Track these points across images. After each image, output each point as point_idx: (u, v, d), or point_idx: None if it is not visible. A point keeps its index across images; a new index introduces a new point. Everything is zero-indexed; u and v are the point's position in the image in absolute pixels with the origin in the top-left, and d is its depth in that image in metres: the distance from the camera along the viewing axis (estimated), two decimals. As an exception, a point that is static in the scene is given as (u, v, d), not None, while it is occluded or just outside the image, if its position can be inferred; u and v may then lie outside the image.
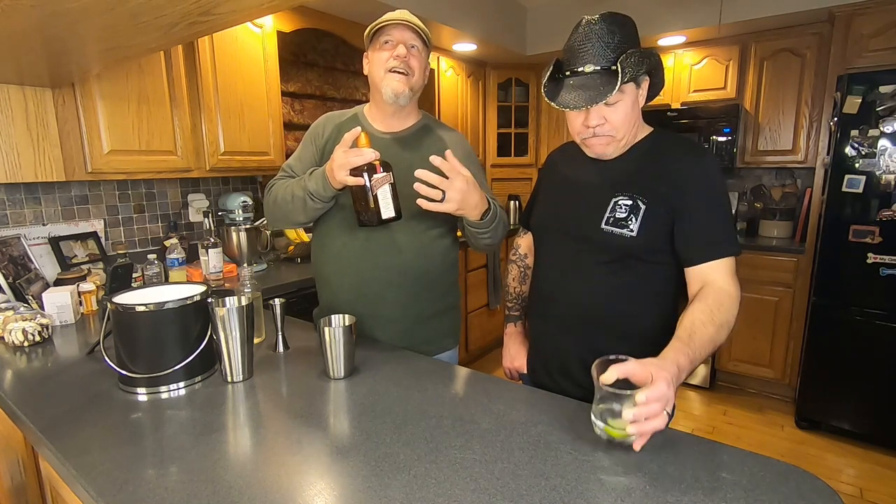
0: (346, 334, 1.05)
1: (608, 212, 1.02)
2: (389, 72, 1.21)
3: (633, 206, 0.99)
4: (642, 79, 1.01)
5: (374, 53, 1.25)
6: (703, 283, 0.96)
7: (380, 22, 1.22)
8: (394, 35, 1.22)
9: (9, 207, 1.78)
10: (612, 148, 1.03)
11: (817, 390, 2.53)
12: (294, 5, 1.04)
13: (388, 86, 1.22)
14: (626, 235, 0.99)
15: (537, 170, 4.05)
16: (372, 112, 1.33)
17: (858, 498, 2.09)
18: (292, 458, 0.78)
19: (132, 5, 0.80)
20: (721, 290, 0.94)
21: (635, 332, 1.04)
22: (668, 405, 0.74)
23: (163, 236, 2.20)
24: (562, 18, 3.42)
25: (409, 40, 1.23)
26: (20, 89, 1.56)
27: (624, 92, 0.97)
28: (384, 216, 1.11)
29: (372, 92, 1.30)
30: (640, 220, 0.98)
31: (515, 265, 1.35)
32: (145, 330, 1.01)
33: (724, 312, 0.91)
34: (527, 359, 1.26)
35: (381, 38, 1.22)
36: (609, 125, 0.99)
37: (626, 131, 1.02)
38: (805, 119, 2.90)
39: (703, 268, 0.97)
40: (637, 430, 0.72)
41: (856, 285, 2.37)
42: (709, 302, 0.91)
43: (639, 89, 1.01)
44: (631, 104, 1.00)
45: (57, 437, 0.85)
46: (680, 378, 0.79)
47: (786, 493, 0.68)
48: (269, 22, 2.20)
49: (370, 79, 1.27)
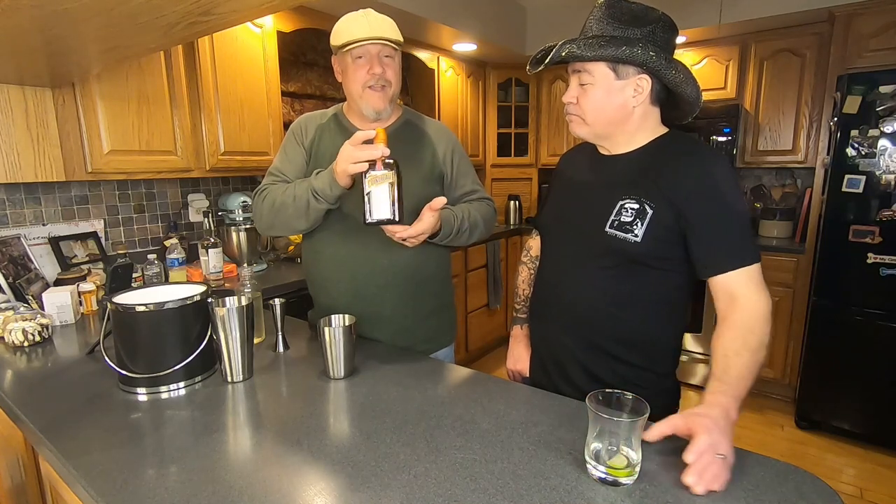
0: (346, 334, 1.05)
1: (613, 214, 0.98)
2: (368, 88, 1.20)
3: (640, 210, 0.95)
4: (626, 71, 0.95)
5: (347, 67, 1.21)
6: (729, 296, 0.91)
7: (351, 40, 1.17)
8: (368, 49, 1.18)
9: (9, 207, 1.78)
10: (584, 131, 1.03)
11: (817, 390, 2.53)
12: (294, 5, 1.04)
13: (367, 103, 1.22)
14: (630, 241, 0.95)
15: (537, 170, 4.05)
16: (351, 111, 1.31)
17: (858, 498, 2.09)
18: (292, 458, 0.78)
19: (132, 5, 0.80)
20: (748, 310, 0.88)
21: (635, 339, 1.02)
22: (721, 449, 0.71)
23: (163, 236, 2.20)
24: (562, 18, 3.43)
25: (382, 52, 1.20)
26: (20, 89, 1.56)
27: (591, 74, 0.96)
28: (374, 216, 1.05)
29: (348, 97, 1.29)
30: (646, 226, 0.94)
31: (525, 267, 1.31)
32: (145, 330, 1.01)
33: (758, 334, 0.86)
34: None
35: (353, 52, 1.19)
36: (578, 106, 1.00)
37: (599, 118, 0.99)
38: (805, 119, 2.89)
39: (725, 280, 0.91)
40: (703, 488, 0.68)
41: (856, 285, 2.37)
42: (738, 328, 0.87)
43: (620, 80, 0.96)
44: (604, 91, 0.96)
45: (57, 437, 0.85)
46: (729, 416, 0.76)
47: (786, 493, 0.68)
48: (269, 22, 2.20)
49: (345, 88, 1.26)
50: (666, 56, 0.94)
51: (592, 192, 1.05)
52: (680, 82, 0.96)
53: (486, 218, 1.31)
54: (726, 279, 0.91)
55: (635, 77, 0.96)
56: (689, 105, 1.02)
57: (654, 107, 1.01)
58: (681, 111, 1.06)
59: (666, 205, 0.94)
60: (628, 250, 0.96)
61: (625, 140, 1.02)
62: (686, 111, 1.05)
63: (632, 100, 0.97)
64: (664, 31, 0.96)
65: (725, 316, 0.90)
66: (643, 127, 1.01)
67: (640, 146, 1.02)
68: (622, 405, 0.74)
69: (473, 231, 1.28)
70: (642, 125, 1.01)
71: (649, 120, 1.01)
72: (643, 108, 0.99)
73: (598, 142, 1.06)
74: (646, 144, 1.01)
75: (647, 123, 1.01)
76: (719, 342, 0.88)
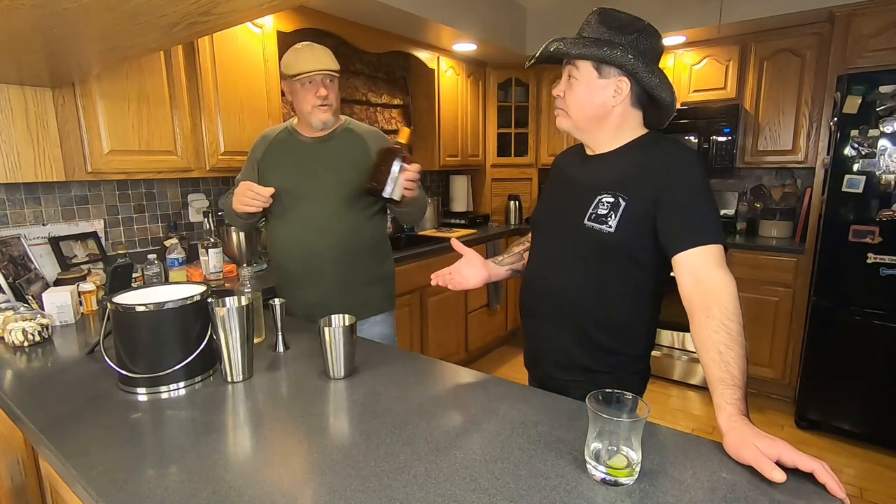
0: (347, 334, 1.05)
1: (591, 208, 1.05)
2: (316, 107, 1.51)
3: (615, 203, 1.02)
4: (608, 71, 1.03)
5: (298, 91, 1.52)
6: (693, 277, 0.93)
7: (302, 71, 1.48)
8: (314, 77, 1.49)
9: (9, 207, 1.78)
10: (567, 124, 1.11)
11: (817, 390, 2.53)
12: (294, 5, 1.05)
13: (316, 118, 1.52)
14: (605, 231, 1.02)
15: (537, 170, 4.05)
16: (301, 124, 1.61)
17: (858, 498, 2.09)
18: (292, 458, 0.78)
19: (132, 5, 0.80)
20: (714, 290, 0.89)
21: (612, 324, 1.07)
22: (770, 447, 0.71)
23: (163, 236, 2.20)
24: (562, 18, 3.42)
25: (326, 78, 1.51)
26: (20, 89, 1.56)
27: (578, 70, 1.05)
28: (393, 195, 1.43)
29: (299, 114, 1.59)
30: (619, 217, 1.01)
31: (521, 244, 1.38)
32: (145, 330, 1.01)
33: (734, 319, 0.86)
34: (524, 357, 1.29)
35: (302, 78, 1.49)
36: (563, 100, 1.09)
37: (580, 113, 1.07)
38: (805, 119, 2.89)
39: (689, 256, 0.94)
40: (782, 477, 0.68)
41: (856, 285, 2.37)
42: (714, 315, 0.87)
43: (602, 79, 1.04)
44: (586, 88, 1.05)
45: (57, 437, 0.85)
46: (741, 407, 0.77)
47: (786, 493, 0.68)
48: (269, 22, 2.20)
49: (296, 107, 1.56)
50: (645, 62, 1.02)
51: (577, 189, 1.12)
52: (655, 86, 1.04)
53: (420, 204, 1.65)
54: (688, 257, 0.94)
55: (616, 78, 1.04)
56: (665, 108, 1.09)
57: (636, 109, 1.08)
58: (661, 115, 1.13)
59: (640, 196, 1.00)
60: (603, 240, 1.02)
61: (607, 139, 1.09)
62: (664, 115, 1.12)
63: (612, 99, 1.05)
64: (647, 39, 1.04)
65: (693, 302, 0.92)
66: (624, 127, 1.08)
67: (620, 146, 1.09)
68: (622, 405, 0.74)
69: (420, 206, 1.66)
70: (623, 125, 1.08)
71: (629, 121, 1.08)
72: (622, 108, 1.06)
73: (581, 137, 1.13)
74: (626, 144, 1.09)
75: (628, 124, 1.08)
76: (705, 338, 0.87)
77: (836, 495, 0.66)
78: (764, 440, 0.72)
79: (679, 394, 3.03)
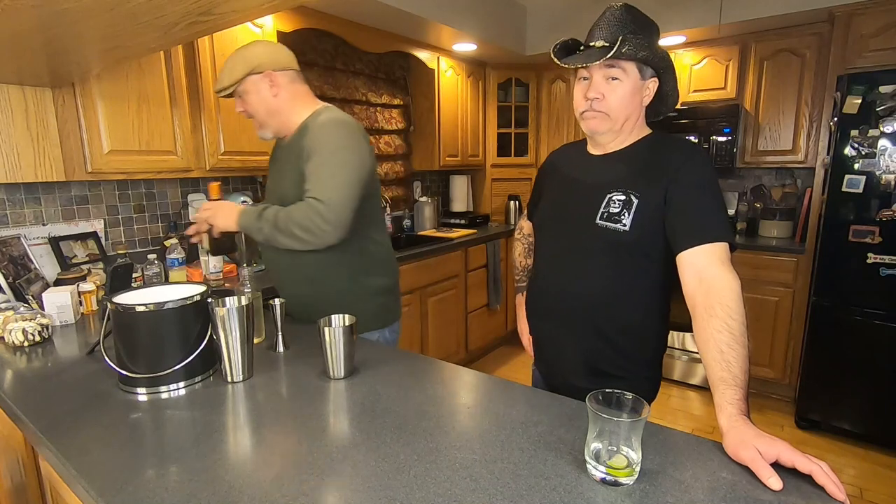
0: (347, 334, 1.05)
1: (602, 207, 1.04)
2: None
3: (626, 200, 1.01)
4: (647, 72, 1.03)
5: None
6: (697, 275, 0.91)
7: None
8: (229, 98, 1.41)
9: (9, 207, 1.78)
10: (605, 127, 1.05)
11: (817, 390, 2.53)
12: (294, 5, 1.04)
13: (259, 135, 1.45)
14: (620, 230, 1.01)
15: (537, 170, 4.04)
16: None
17: (858, 498, 2.09)
18: (292, 459, 0.78)
19: (132, 5, 0.80)
20: (717, 289, 0.88)
21: (627, 325, 1.06)
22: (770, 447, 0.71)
23: (163, 236, 2.20)
24: (562, 18, 3.42)
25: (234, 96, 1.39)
26: (20, 89, 1.56)
27: (625, 71, 1.01)
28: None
29: None
30: (633, 215, 1.00)
31: (520, 242, 1.46)
32: (145, 330, 1.01)
33: (737, 318, 0.85)
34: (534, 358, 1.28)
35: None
36: (605, 102, 1.03)
37: (621, 114, 1.04)
38: (805, 119, 2.90)
39: (694, 254, 0.93)
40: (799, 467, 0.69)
41: (856, 285, 2.37)
42: (717, 314, 0.86)
43: (643, 80, 1.03)
44: (631, 88, 1.02)
45: (57, 437, 0.85)
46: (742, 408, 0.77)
47: (785, 492, 0.68)
48: (269, 22, 2.20)
49: None
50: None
51: (585, 188, 1.10)
52: (672, 88, 1.06)
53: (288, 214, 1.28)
54: (692, 255, 0.93)
55: (651, 79, 1.04)
56: (666, 108, 1.11)
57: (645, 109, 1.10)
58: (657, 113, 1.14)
59: (651, 192, 1.00)
60: (618, 239, 1.01)
61: (623, 139, 1.09)
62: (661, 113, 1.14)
63: (645, 99, 1.06)
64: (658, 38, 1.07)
65: (696, 301, 0.91)
66: (636, 125, 1.08)
67: (628, 144, 1.08)
68: (622, 405, 0.74)
69: (273, 226, 1.29)
70: (636, 124, 1.08)
71: (641, 120, 1.09)
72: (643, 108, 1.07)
73: (606, 138, 1.09)
74: (634, 143, 1.08)
75: (639, 123, 1.09)
76: (705, 334, 0.86)
77: (836, 497, 0.66)
78: (764, 441, 0.72)
79: (679, 394, 3.03)
